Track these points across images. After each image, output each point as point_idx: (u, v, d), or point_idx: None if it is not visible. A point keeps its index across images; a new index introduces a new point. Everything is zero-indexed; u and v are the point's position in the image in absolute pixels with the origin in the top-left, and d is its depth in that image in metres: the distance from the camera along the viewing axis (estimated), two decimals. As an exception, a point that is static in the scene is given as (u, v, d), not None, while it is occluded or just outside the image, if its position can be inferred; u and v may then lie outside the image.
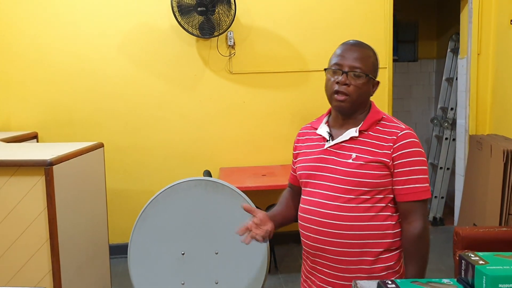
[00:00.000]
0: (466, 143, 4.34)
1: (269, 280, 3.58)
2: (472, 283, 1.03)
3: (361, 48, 1.64)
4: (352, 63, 1.60)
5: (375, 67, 1.65)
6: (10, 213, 2.49)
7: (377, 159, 1.56)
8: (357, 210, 1.56)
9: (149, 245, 2.12)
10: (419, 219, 1.56)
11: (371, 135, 1.60)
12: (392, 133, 1.58)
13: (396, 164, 1.56)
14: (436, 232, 4.68)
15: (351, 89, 1.59)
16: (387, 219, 1.59)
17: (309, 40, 4.17)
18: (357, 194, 1.56)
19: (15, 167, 2.48)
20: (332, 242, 1.58)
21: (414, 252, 1.57)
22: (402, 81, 5.82)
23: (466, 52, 4.31)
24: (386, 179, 1.57)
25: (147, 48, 4.09)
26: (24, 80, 4.05)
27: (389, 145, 1.57)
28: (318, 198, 1.62)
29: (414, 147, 1.57)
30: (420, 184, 1.56)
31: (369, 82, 1.62)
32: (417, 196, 1.56)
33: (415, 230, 1.56)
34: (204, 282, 2.12)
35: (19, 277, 2.52)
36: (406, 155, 1.56)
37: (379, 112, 1.66)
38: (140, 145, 4.17)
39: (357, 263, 1.59)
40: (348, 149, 1.60)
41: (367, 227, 1.57)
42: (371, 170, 1.56)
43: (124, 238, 3.02)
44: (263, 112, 4.24)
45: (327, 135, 1.67)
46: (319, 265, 1.64)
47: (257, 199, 4.09)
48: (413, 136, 1.60)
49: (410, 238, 1.57)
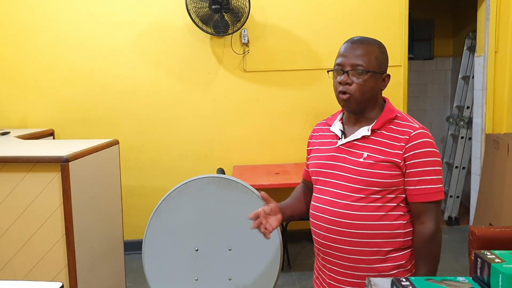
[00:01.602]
0: (483, 142, 4.29)
1: (282, 277, 3.58)
2: (488, 282, 1.02)
3: (361, 45, 1.61)
4: (353, 61, 1.58)
5: (380, 61, 1.60)
6: (26, 208, 2.53)
7: (388, 159, 1.54)
8: (367, 209, 1.55)
9: (163, 242, 2.13)
10: (431, 220, 1.55)
11: (383, 134, 1.58)
12: (405, 133, 1.56)
13: (408, 164, 1.54)
14: (451, 231, 4.63)
15: (354, 88, 1.58)
16: (398, 219, 1.57)
17: (323, 37, 4.15)
18: (367, 194, 1.55)
19: (31, 164, 2.51)
20: (341, 240, 1.58)
21: (425, 253, 1.56)
22: (418, 80, 5.77)
23: (483, 50, 4.26)
24: (397, 179, 1.55)
25: (161, 46, 4.11)
26: (41, 79, 4.10)
27: (401, 145, 1.54)
28: (328, 196, 1.62)
29: (427, 147, 1.54)
30: (432, 185, 1.54)
31: (374, 77, 1.59)
32: (430, 197, 1.54)
33: (427, 231, 1.54)
34: (218, 279, 2.13)
35: (35, 272, 2.55)
36: (418, 156, 1.53)
37: (393, 110, 1.63)
38: (154, 143, 4.20)
39: (367, 261, 1.58)
40: (360, 147, 1.59)
41: (377, 226, 1.56)
42: (381, 170, 1.54)
43: (139, 235, 3.04)
44: (277, 110, 4.23)
45: (339, 133, 1.66)
46: (329, 263, 1.65)
47: (271, 197, 4.09)
48: (427, 136, 1.56)
49: (422, 239, 1.56)
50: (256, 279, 2.12)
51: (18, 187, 2.52)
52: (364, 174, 1.55)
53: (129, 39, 4.09)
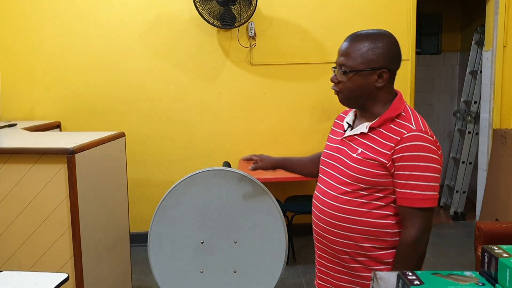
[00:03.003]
0: (490, 137, 4.26)
1: (287, 270, 3.59)
2: (495, 276, 1.01)
3: (352, 42, 1.57)
4: (339, 60, 1.59)
5: (370, 58, 1.53)
6: (33, 200, 2.54)
7: (376, 157, 1.52)
8: (352, 204, 1.56)
9: (169, 234, 2.14)
10: (414, 227, 1.49)
11: (380, 133, 1.55)
12: (399, 133, 1.51)
13: (396, 166, 1.50)
14: (457, 226, 4.63)
15: (340, 86, 1.59)
16: (387, 218, 1.55)
17: (330, 31, 4.13)
18: (354, 189, 1.55)
19: (38, 155, 2.52)
20: (328, 230, 1.62)
21: (402, 258, 1.53)
22: (425, 74, 5.74)
23: (492, 44, 4.22)
24: (385, 179, 1.52)
25: (167, 38, 4.10)
26: (47, 71, 4.11)
27: (391, 146, 1.50)
28: (324, 186, 1.66)
29: (418, 151, 1.47)
30: (419, 191, 1.47)
31: (361, 76, 1.54)
32: (414, 203, 1.48)
33: (407, 237, 1.50)
34: (223, 271, 2.13)
35: (41, 263, 2.57)
36: (407, 159, 1.48)
37: (398, 109, 1.56)
38: (161, 135, 4.20)
39: (349, 253, 1.60)
40: (358, 143, 1.59)
41: (360, 221, 1.55)
42: (369, 168, 1.53)
43: (145, 227, 3.05)
44: (283, 104, 4.22)
45: (346, 125, 1.68)
46: (319, 250, 1.71)
47: (276, 190, 4.09)
48: (423, 139, 1.48)
49: (402, 244, 1.53)
50: (261, 271, 2.12)
51: (25, 178, 2.53)
52: (353, 170, 1.55)
53: (136, 32, 4.09)
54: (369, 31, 1.59)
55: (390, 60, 1.56)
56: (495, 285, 1.01)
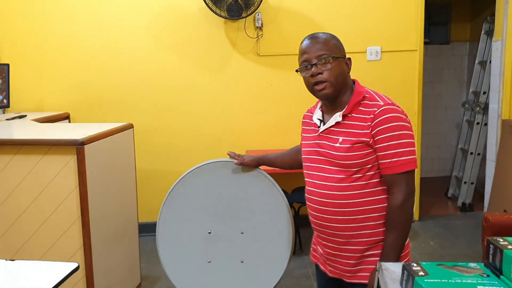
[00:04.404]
0: (498, 128, 4.23)
1: (294, 261, 3.61)
2: (500, 268, 1.02)
3: (317, 38, 1.72)
4: (316, 53, 1.68)
5: (338, 46, 1.71)
6: (43, 190, 2.57)
7: (359, 139, 1.63)
8: (351, 189, 1.66)
9: (177, 224, 2.16)
10: (400, 191, 1.62)
11: (354, 117, 1.67)
12: (370, 112, 1.64)
13: (375, 140, 1.62)
14: (465, 218, 4.61)
15: (326, 75, 1.67)
16: (383, 193, 1.67)
17: (337, 21, 4.11)
18: (348, 174, 1.66)
19: (47, 146, 2.55)
20: (331, 219, 1.71)
21: (392, 221, 1.64)
22: (434, 65, 5.69)
23: (501, 34, 4.18)
24: (371, 157, 1.64)
25: (175, 30, 4.11)
26: (56, 63, 4.13)
27: (368, 125, 1.63)
28: (316, 180, 1.75)
29: (391, 122, 1.61)
30: (398, 157, 1.61)
31: (339, 62, 1.69)
32: (397, 169, 1.61)
33: (395, 201, 1.63)
34: (230, 261, 2.15)
35: (52, 252, 2.61)
36: (383, 131, 1.61)
37: (361, 92, 1.70)
38: (168, 127, 4.22)
39: (356, 236, 1.70)
40: (336, 133, 1.70)
41: (364, 202, 1.66)
42: (356, 151, 1.64)
43: (153, 217, 3.08)
44: (290, 95, 4.22)
45: (318, 121, 1.79)
46: (324, 239, 1.79)
47: (283, 181, 4.09)
48: (392, 110, 1.63)
49: (390, 208, 1.64)
50: (267, 262, 2.14)
51: (35, 169, 2.57)
52: (342, 158, 1.66)
53: (143, 24, 4.09)
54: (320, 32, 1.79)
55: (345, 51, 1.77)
56: (499, 277, 1.02)
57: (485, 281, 0.99)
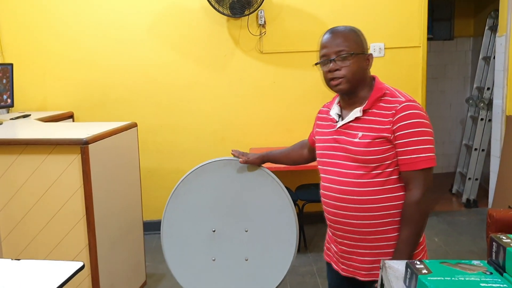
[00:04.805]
0: (503, 123, 4.22)
1: (298, 258, 3.61)
2: (503, 265, 1.02)
3: (339, 32, 1.71)
4: (335, 48, 1.68)
5: (359, 42, 1.70)
6: (48, 190, 2.59)
7: (379, 135, 1.64)
8: (370, 185, 1.66)
9: (181, 223, 2.17)
10: (417, 187, 1.62)
11: (374, 113, 1.67)
12: (391, 108, 1.64)
13: (396, 136, 1.62)
14: (469, 214, 4.61)
15: (343, 72, 1.67)
16: (401, 190, 1.67)
17: (341, 18, 4.09)
18: (367, 170, 1.66)
19: (52, 146, 2.56)
20: (349, 215, 1.70)
21: (409, 217, 1.64)
22: (437, 60, 5.68)
23: (505, 29, 4.16)
24: (391, 153, 1.64)
25: (177, 28, 4.11)
26: (60, 62, 4.14)
27: (389, 120, 1.63)
28: (333, 176, 1.74)
29: (412, 119, 1.61)
30: (418, 154, 1.61)
31: (358, 58, 1.68)
32: (416, 165, 1.61)
33: (413, 197, 1.63)
34: (234, 259, 2.16)
35: (57, 251, 2.62)
36: (404, 127, 1.61)
37: (382, 88, 1.70)
38: (172, 125, 4.23)
39: (374, 233, 1.69)
40: (355, 128, 1.69)
41: (382, 199, 1.66)
42: (376, 147, 1.64)
43: (158, 215, 3.09)
44: (294, 92, 4.22)
45: (336, 116, 1.78)
46: (339, 237, 1.77)
47: (287, 179, 4.10)
48: (413, 107, 1.63)
49: (408, 204, 1.64)
50: (272, 260, 2.14)
51: (39, 169, 2.58)
52: (361, 153, 1.65)
53: (146, 22, 4.10)
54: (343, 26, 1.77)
55: (368, 48, 1.76)
56: (503, 274, 1.02)
57: (488, 279, 0.99)
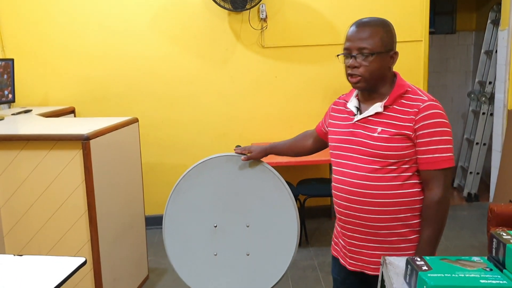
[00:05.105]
0: (504, 118, 4.22)
1: (300, 253, 3.62)
2: (503, 262, 1.03)
3: (366, 27, 1.67)
4: (358, 45, 1.66)
5: (386, 40, 1.66)
6: (49, 185, 2.59)
7: (400, 132, 1.63)
8: (383, 180, 1.66)
9: (183, 219, 2.17)
10: (439, 186, 1.63)
11: (395, 109, 1.66)
12: (414, 106, 1.63)
13: (417, 135, 1.62)
14: (470, 208, 4.61)
15: (362, 70, 1.66)
16: (414, 186, 1.67)
17: (342, 12, 4.08)
18: (383, 165, 1.65)
19: (53, 141, 2.57)
20: (361, 209, 1.70)
21: (431, 217, 1.64)
22: (439, 54, 5.66)
23: (507, 23, 4.15)
24: (410, 150, 1.64)
25: (178, 23, 4.10)
26: (61, 57, 4.14)
27: (411, 118, 1.62)
28: (347, 169, 1.73)
29: (435, 118, 1.62)
30: (440, 154, 1.61)
31: (380, 57, 1.65)
32: (437, 165, 1.62)
33: (435, 196, 1.63)
34: (236, 254, 2.17)
35: (59, 247, 2.63)
36: (427, 126, 1.61)
37: (404, 85, 1.69)
38: (173, 120, 4.23)
39: (386, 227, 1.69)
40: (374, 123, 1.68)
41: (394, 194, 1.66)
42: (395, 143, 1.63)
43: (160, 210, 3.09)
44: (295, 86, 4.21)
45: (355, 109, 1.76)
46: (349, 230, 1.77)
47: (288, 174, 4.11)
48: (435, 107, 1.63)
49: (429, 204, 1.64)
50: (273, 254, 2.15)
51: (41, 164, 2.59)
52: (379, 148, 1.65)
53: (147, 16, 4.09)
54: (373, 18, 1.72)
55: (395, 43, 1.72)
56: (502, 271, 1.02)
57: (488, 275, 1.00)
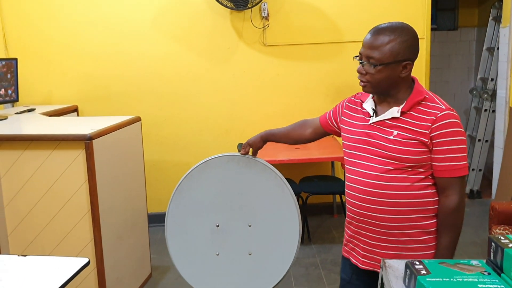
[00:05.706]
0: (506, 115, 4.21)
1: (302, 250, 3.64)
2: (501, 266, 1.04)
3: (379, 35, 1.66)
4: (367, 53, 1.67)
5: (397, 51, 1.63)
6: (53, 185, 2.61)
7: (416, 137, 1.65)
8: (396, 180, 1.68)
9: (185, 218, 2.19)
10: (456, 193, 1.66)
11: (412, 115, 1.68)
12: (432, 114, 1.65)
13: (434, 142, 1.65)
14: (472, 205, 4.61)
15: (368, 78, 1.69)
16: (427, 188, 1.70)
17: (344, 10, 4.08)
18: (397, 167, 1.68)
19: (56, 141, 2.58)
20: (375, 209, 1.73)
21: (448, 224, 1.69)
22: (441, 51, 5.65)
23: (509, 20, 4.13)
24: (425, 156, 1.67)
25: (180, 21, 4.10)
26: (64, 56, 4.15)
27: (427, 125, 1.64)
28: (361, 169, 1.75)
29: (452, 127, 1.64)
30: (457, 162, 1.64)
31: (388, 68, 1.65)
32: (454, 173, 1.65)
33: (452, 203, 1.67)
34: (238, 253, 2.18)
35: (63, 246, 2.65)
36: (444, 135, 1.63)
37: (422, 92, 1.71)
38: (175, 118, 4.24)
39: (398, 227, 1.72)
40: (390, 126, 1.70)
41: (407, 195, 1.69)
42: (410, 147, 1.66)
43: (162, 207, 3.12)
44: (297, 85, 4.21)
45: (371, 111, 1.77)
46: (363, 229, 1.80)
47: (291, 172, 4.12)
48: (453, 116, 1.65)
49: (446, 211, 1.68)
50: (275, 253, 2.17)
51: (44, 164, 2.60)
52: (394, 151, 1.68)
53: (149, 16, 4.09)
54: (393, 24, 1.69)
55: (412, 52, 1.68)
56: (500, 275, 1.03)
57: (486, 280, 1.01)
